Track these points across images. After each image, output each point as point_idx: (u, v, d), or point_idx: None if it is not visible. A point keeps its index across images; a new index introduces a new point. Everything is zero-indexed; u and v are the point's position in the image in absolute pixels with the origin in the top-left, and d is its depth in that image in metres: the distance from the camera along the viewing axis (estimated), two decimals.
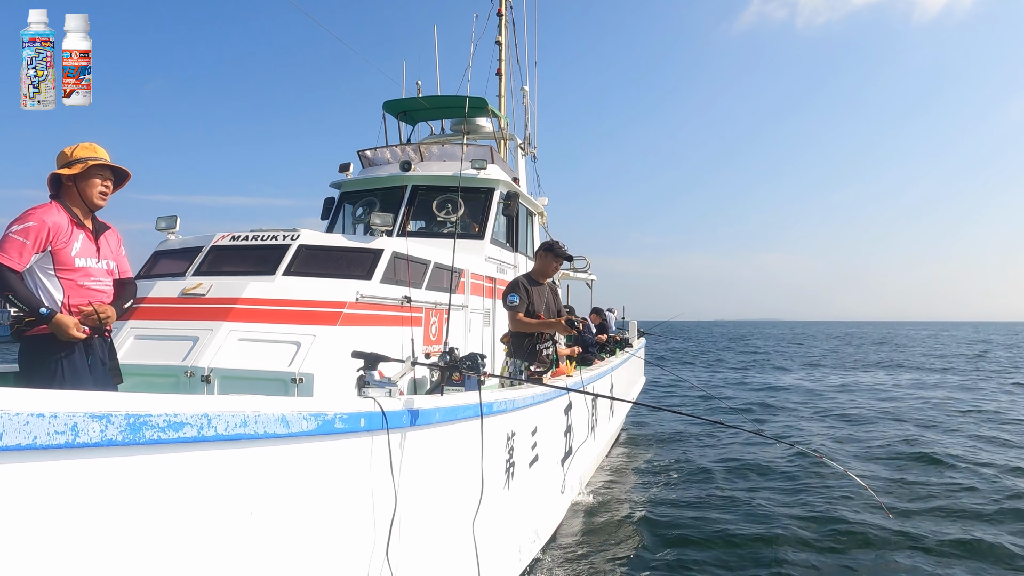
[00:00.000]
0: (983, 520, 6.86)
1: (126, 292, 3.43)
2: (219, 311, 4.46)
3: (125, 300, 3.41)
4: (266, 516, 2.20)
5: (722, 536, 6.48)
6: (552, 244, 5.61)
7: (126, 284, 3.46)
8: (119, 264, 3.46)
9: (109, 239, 3.41)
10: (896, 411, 14.69)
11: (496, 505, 3.99)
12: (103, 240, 3.35)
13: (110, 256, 3.38)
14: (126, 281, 3.47)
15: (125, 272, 3.51)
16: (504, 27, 11.63)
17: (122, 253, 3.52)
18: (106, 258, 3.35)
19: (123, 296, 3.40)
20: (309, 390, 3.99)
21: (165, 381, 4.09)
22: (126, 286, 3.45)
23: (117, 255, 3.46)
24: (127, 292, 3.44)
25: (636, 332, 14.77)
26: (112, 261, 3.39)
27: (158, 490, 1.84)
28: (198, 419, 1.87)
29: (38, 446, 1.51)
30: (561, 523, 6.08)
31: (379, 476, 2.75)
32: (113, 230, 3.48)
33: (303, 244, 5.08)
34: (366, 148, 8.44)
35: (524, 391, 4.54)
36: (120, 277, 3.45)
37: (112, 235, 3.45)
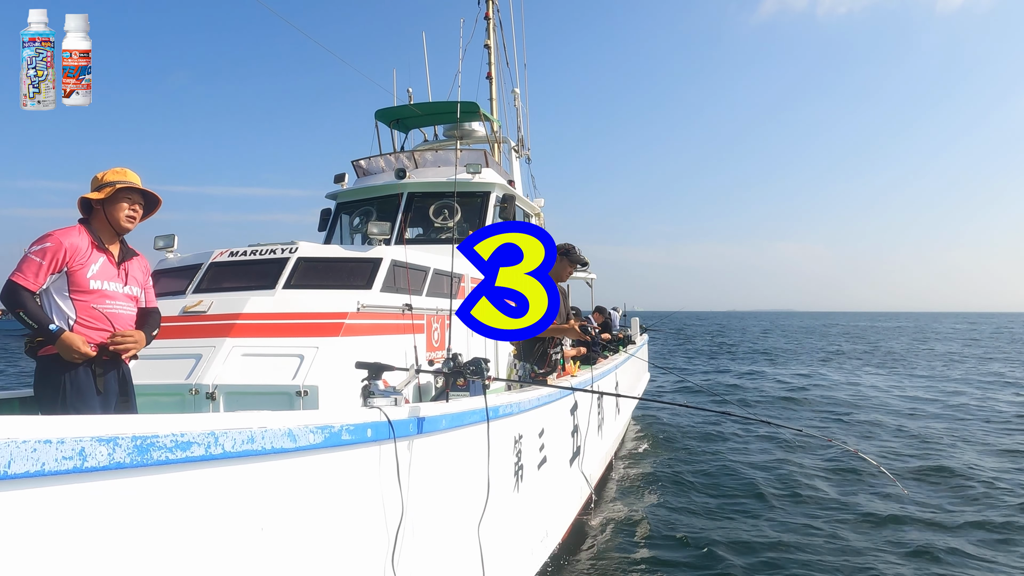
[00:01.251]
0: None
1: (151, 320, 3.42)
2: (221, 327, 4.46)
3: (151, 329, 3.40)
4: (277, 531, 2.20)
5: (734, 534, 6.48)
6: (569, 248, 5.59)
7: (150, 313, 3.44)
8: (145, 294, 3.45)
9: (135, 266, 3.40)
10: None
11: (506, 507, 3.99)
12: (128, 266, 3.34)
13: (135, 283, 3.37)
14: (150, 310, 3.46)
15: (151, 302, 3.50)
16: (492, 30, 11.63)
17: (149, 284, 3.51)
18: (130, 284, 3.33)
19: (148, 324, 3.38)
20: (314, 402, 3.99)
21: (170, 400, 4.08)
22: (150, 315, 3.44)
23: (144, 284, 3.45)
24: (152, 321, 3.43)
25: (639, 329, 14.77)
26: (137, 287, 3.38)
27: (168, 510, 1.84)
28: (205, 438, 1.87)
29: (47, 472, 1.51)
30: (572, 522, 6.07)
31: (387, 485, 2.74)
32: (141, 257, 3.47)
33: (302, 256, 5.08)
34: (360, 158, 8.44)
35: (530, 393, 4.54)
36: (145, 307, 3.44)
37: (140, 263, 3.45)
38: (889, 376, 22.14)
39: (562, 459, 5.61)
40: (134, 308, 3.36)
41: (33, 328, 3.02)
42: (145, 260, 3.51)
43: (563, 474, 5.65)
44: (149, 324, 3.40)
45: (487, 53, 11.60)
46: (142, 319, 3.39)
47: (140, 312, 3.40)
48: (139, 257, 3.46)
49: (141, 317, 3.39)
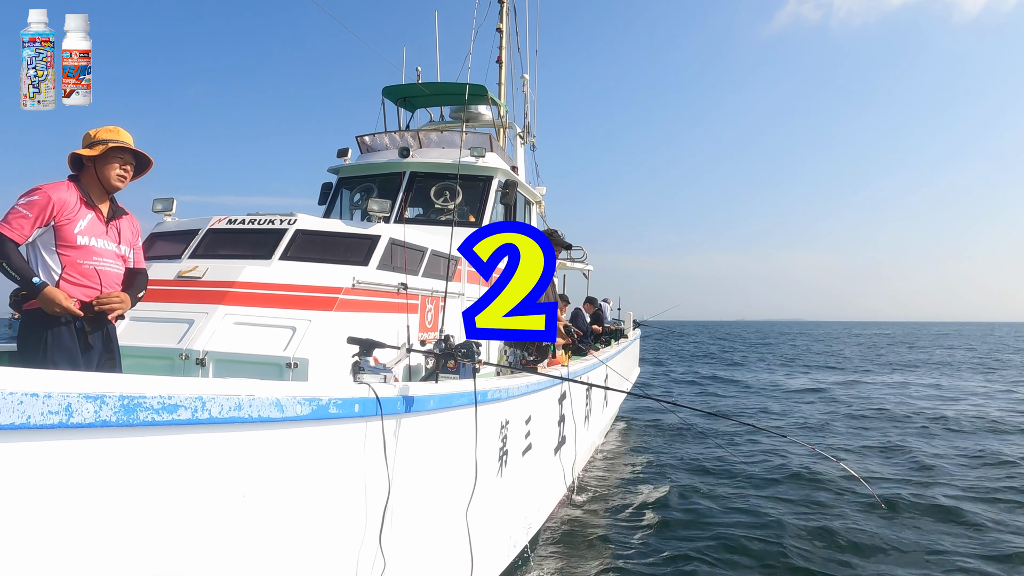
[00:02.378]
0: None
1: (137, 282, 3.41)
2: (215, 294, 4.45)
3: (137, 290, 3.39)
4: (259, 499, 2.21)
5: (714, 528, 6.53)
6: (551, 233, 5.65)
7: (137, 274, 3.43)
8: (134, 253, 3.44)
9: (125, 225, 3.38)
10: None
11: (489, 493, 4.01)
12: (118, 225, 3.33)
13: (124, 242, 3.35)
14: (137, 271, 3.45)
15: (139, 263, 3.48)
16: (505, 14, 11.57)
17: (138, 244, 3.49)
18: (119, 242, 3.32)
19: (134, 285, 3.37)
20: (304, 375, 3.99)
21: (160, 363, 4.08)
22: (137, 275, 3.42)
23: (133, 243, 3.43)
24: (139, 282, 3.41)
25: (632, 323, 14.82)
26: (126, 247, 3.37)
27: (152, 471, 1.84)
28: (192, 402, 1.87)
29: (32, 426, 1.51)
30: (553, 512, 6.11)
31: (373, 462, 2.75)
32: (131, 217, 3.45)
33: (300, 229, 5.06)
34: (364, 133, 8.41)
35: (519, 380, 4.55)
36: (133, 267, 3.43)
37: (130, 222, 3.42)
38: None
39: (547, 447, 5.64)
40: (122, 267, 3.35)
41: (16, 280, 2.99)
42: (135, 220, 3.49)
43: (547, 462, 5.68)
44: (136, 285, 3.38)
45: (499, 37, 11.53)
46: (129, 279, 3.37)
47: (128, 272, 3.39)
48: (129, 216, 3.44)
49: (128, 277, 3.37)
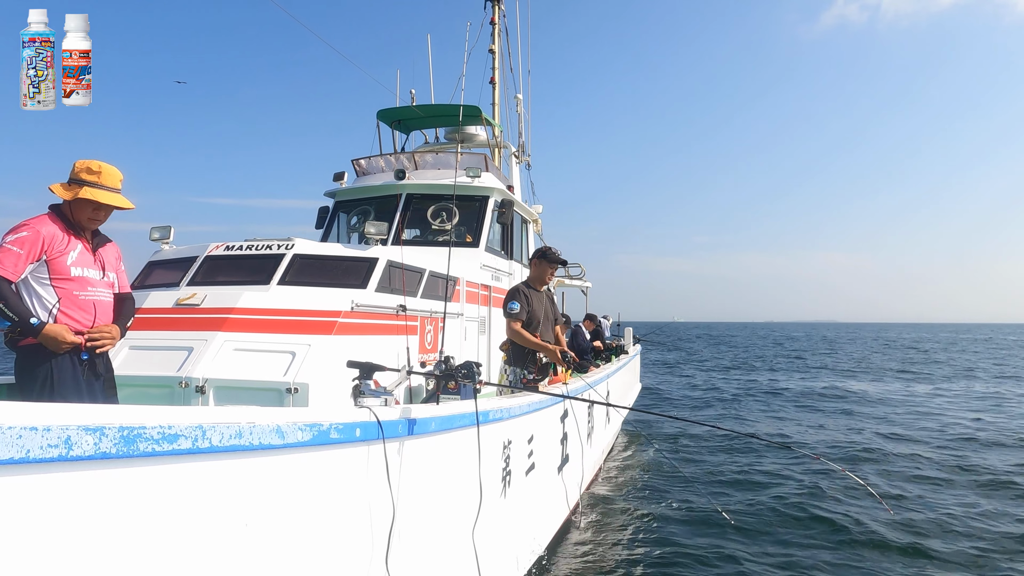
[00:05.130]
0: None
1: (125, 308, 3.41)
2: (214, 321, 4.45)
3: (126, 318, 3.40)
4: (262, 527, 2.19)
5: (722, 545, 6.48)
6: (545, 250, 5.68)
7: (124, 299, 3.44)
8: (119, 278, 3.45)
9: (108, 253, 3.39)
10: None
11: (493, 514, 3.98)
12: (102, 253, 3.34)
13: (110, 268, 3.37)
14: (124, 296, 3.45)
15: (124, 287, 3.49)
16: (497, 36, 11.68)
17: (121, 268, 3.50)
18: (107, 271, 3.33)
19: (123, 313, 3.38)
20: (304, 400, 3.97)
21: (160, 392, 4.06)
22: (124, 301, 3.43)
23: (117, 268, 3.44)
24: (127, 308, 3.42)
25: (631, 339, 14.78)
26: (112, 273, 3.38)
27: (153, 502, 1.82)
28: (192, 431, 1.86)
29: (32, 459, 1.50)
30: (558, 531, 6.06)
31: (376, 486, 2.73)
32: (113, 244, 3.46)
33: (298, 253, 5.07)
34: (360, 157, 8.44)
35: (520, 399, 4.53)
36: (119, 291, 3.43)
37: (112, 249, 3.44)
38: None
39: (550, 466, 5.60)
40: (111, 295, 3.36)
41: (13, 321, 2.97)
42: (116, 246, 3.49)
43: (551, 482, 5.64)
44: (124, 314, 3.39)
45: (491, 58, 11.64)
46: (117, 307, 3.38)
47: (115, 298, 3.39)
48: (111, 244, 3.45)
49: (116, 304, 3.38)
